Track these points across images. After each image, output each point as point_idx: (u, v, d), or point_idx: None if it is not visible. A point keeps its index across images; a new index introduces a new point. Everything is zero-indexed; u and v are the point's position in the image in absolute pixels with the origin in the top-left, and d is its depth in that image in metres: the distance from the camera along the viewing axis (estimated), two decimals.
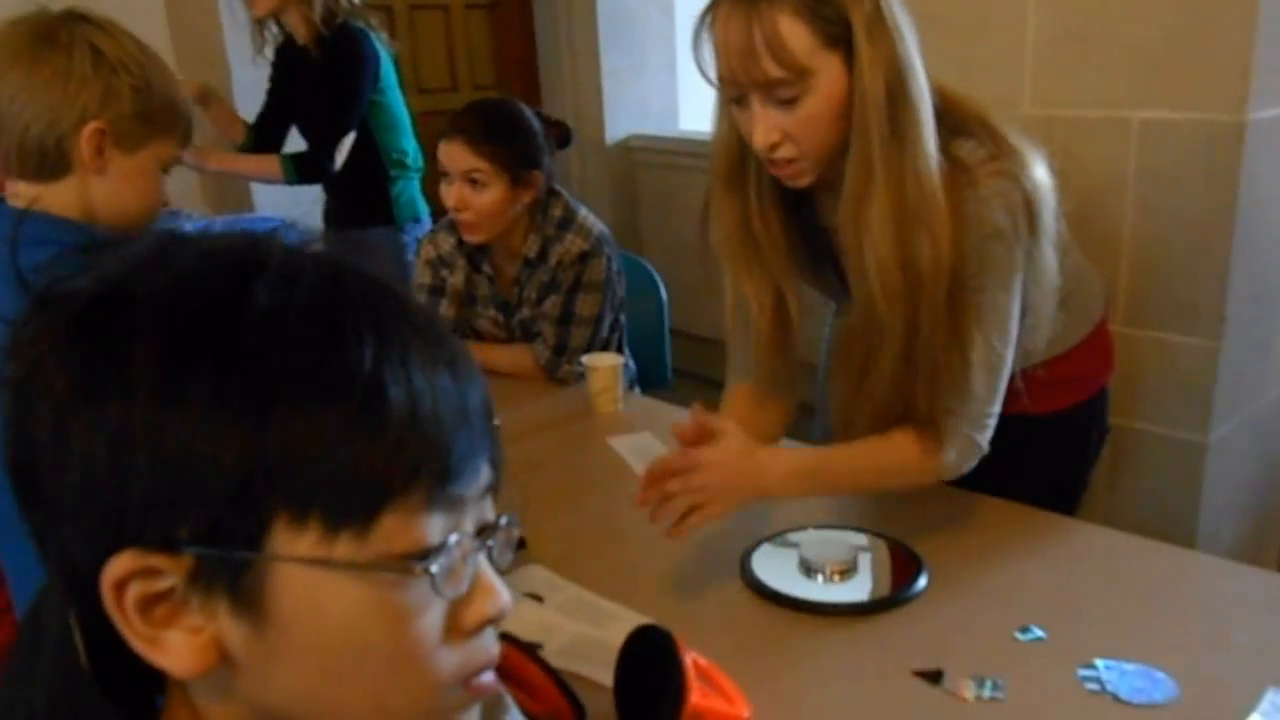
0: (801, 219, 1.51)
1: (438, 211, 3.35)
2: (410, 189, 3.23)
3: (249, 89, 3.76)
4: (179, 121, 1.42)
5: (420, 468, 0.56)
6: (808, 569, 1.50)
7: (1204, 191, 2.02)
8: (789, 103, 1.31)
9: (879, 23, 1.29)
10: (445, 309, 2.37)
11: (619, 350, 2.38)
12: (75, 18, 1.36)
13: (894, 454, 1.46)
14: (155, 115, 1.39)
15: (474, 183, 2.19)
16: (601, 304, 2.30)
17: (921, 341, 1.38)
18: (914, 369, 1.40)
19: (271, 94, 3.26)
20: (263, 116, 3.27)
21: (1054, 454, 1.55)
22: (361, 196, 3.15)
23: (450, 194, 2.22)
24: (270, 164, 3.07)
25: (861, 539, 1.57)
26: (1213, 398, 2.11)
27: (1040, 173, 1.37)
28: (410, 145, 3.22)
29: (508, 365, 2.33)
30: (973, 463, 1.46)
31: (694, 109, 5.00)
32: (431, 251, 2.41)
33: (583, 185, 5.04)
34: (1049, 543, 1.57)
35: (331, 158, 3.04)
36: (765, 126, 1.33)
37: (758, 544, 1.57)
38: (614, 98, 4.87)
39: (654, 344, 2.76)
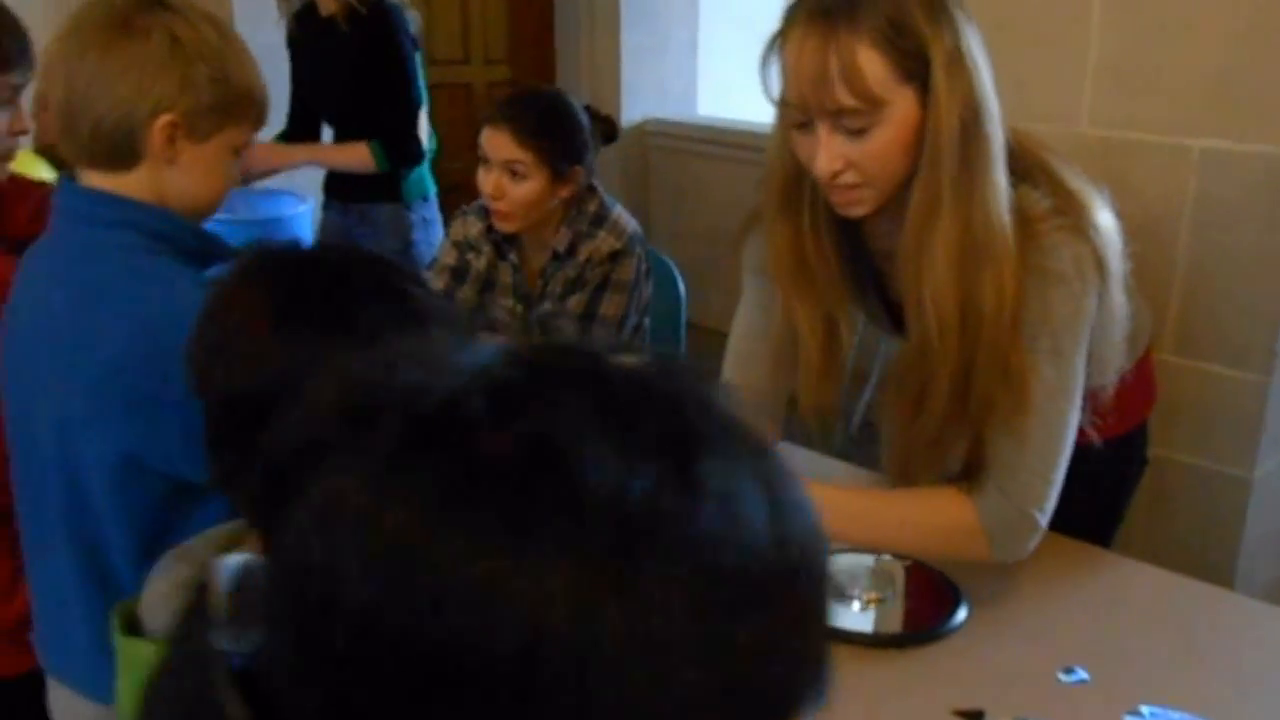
0: (849, 242, 1.47)
1: (444, 190, 3.33)
2: (420, 168, 3.15)
3: (258, 55, 3.64)
4: (253, 109, 1.38)
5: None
6: (839, 594, 1.46)
7: (1264, 224, 1.97)
8: (857, 133, 1.27)
9: (958, 59, 1.25)
10: (466, 293, 2.32)
11: None
12: (154, 3, 1.31)
13: (923, 504, 1.41)
14: (230, 105, 1.34)
15: (513, 173, 2.15)
16: (626, 305, 2.25)
17: (977, 385, 1.33)
18: (967, 413, 1.35)
19: (296, 72, 3.15)
20: (296, 100, 3.14)
21: (1090, 486, 1.50)
22: (369, 173, 3.04)
23: (487, 181, 2.17)
24: (359, 152, 2.97)
25: (896, 565, 1.51)
26: (1260, 433, 2.07)
27: (1105, 218, 1.34)
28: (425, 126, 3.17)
29: None
30: (1027, 542, 1.37)
31: (713, 94, 4.92)
32: (460, 232, 2.36)
33: (596, 165, 4.96)
34: (1088, 577, 1.53)
35: (417, 137, 2.99)
36: (830, 155, 1.29)
37: None
38: (632, 79, 4.79)
39: (668, 339, 2.70)
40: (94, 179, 1.32)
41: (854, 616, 1.43)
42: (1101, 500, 1.73)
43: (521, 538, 0.43)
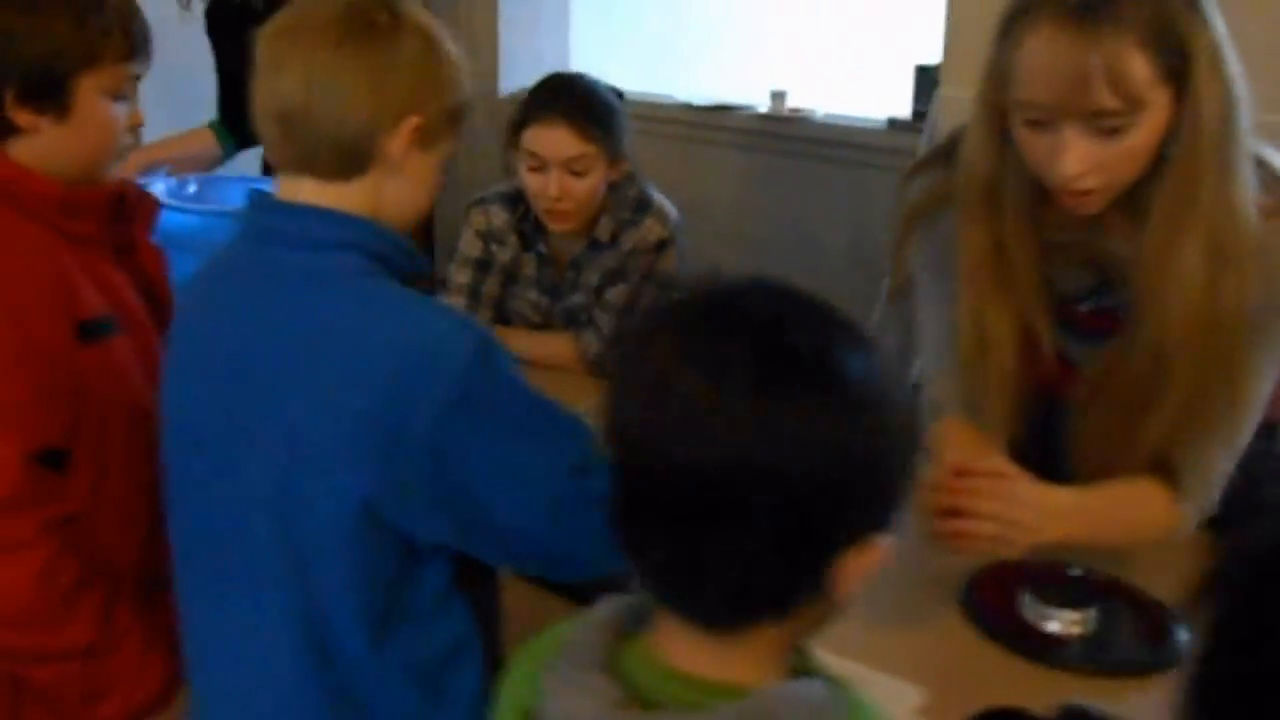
0: None
1: None
2: None
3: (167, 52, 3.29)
4: (469, 114, 1.27)
5: None
6: (1039, 613, 1.37)
7: None
8: (1111, 133, 1.23)
9: (1218, 55, 1.24)
10: (490, 286, 2.18)
11: None
12: None
13: (1143, 506, 1.41)
14: (460, 111, 1.24)
15: (574, 171, 2.00)
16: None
17: (1207, 391, 1.33)
18: (1193, 417, 1.35)
19: (220, 62, 2.78)
20: (226, 98, 2.73)
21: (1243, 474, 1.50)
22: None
23: (548, 184, 2.00)
24: (200, 137, 2.64)
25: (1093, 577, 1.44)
26: None
27: None
28: None
29: (547, 355, 2.14)
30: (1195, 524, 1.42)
31: (585, 65, 4.79)
32: (483, 223, 2.20)
33: (472, 138, 4.75)
34: None
35: None
36: (1078, 156, 1.24)
37: (981, 570, 1.46)
38: (509, 49, 4.63)
39: None
40: (307, 190, 1.17)
41: (1055, 634, 1.36)
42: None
43: None
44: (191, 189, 2.44)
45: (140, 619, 1.35)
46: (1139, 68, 1.20)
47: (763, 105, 4.28)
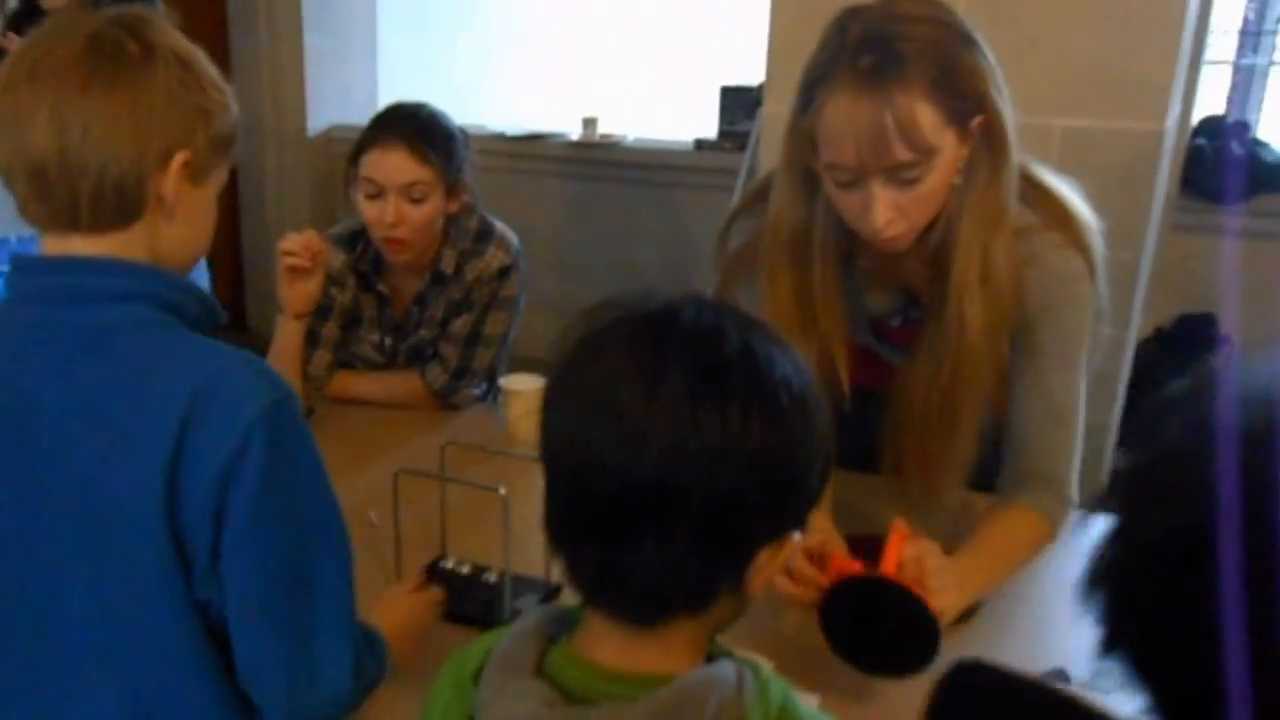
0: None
1: None
2: None
3: None
4: (235, 141, 1.15)
5: None
6: None
7: (1120, 197, 2.19)
8: (910, 183, 1.32)
9: (997, 78, 1.34)
10: (330, 329, 2.11)
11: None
12: (136, 20, 1.06)
13: (1025, 547, 1.48)
14: (230, 137, 1.12)
15: (412, 198, 1.97)
16: (509, 322, 2.16)
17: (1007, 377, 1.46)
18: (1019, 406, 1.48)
19: None
20: None
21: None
22: None
23: (385, 210, 1.96)
24: None
25: None
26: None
27: (1089, 219, 1.46)
28: None
29: (393, 394, 2.13)
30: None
31: (395, 98, 4.80)
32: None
33: (280, 178, 4.70)
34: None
35: None
36: (884, 208, 1.32)
37: None
38: (316, 85, 4.59)
39: None
40: (77, 247, 1.06)
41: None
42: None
43: None
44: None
45: None
46: (927, 118, 1.27)
47: (574, 133, 4.38)
